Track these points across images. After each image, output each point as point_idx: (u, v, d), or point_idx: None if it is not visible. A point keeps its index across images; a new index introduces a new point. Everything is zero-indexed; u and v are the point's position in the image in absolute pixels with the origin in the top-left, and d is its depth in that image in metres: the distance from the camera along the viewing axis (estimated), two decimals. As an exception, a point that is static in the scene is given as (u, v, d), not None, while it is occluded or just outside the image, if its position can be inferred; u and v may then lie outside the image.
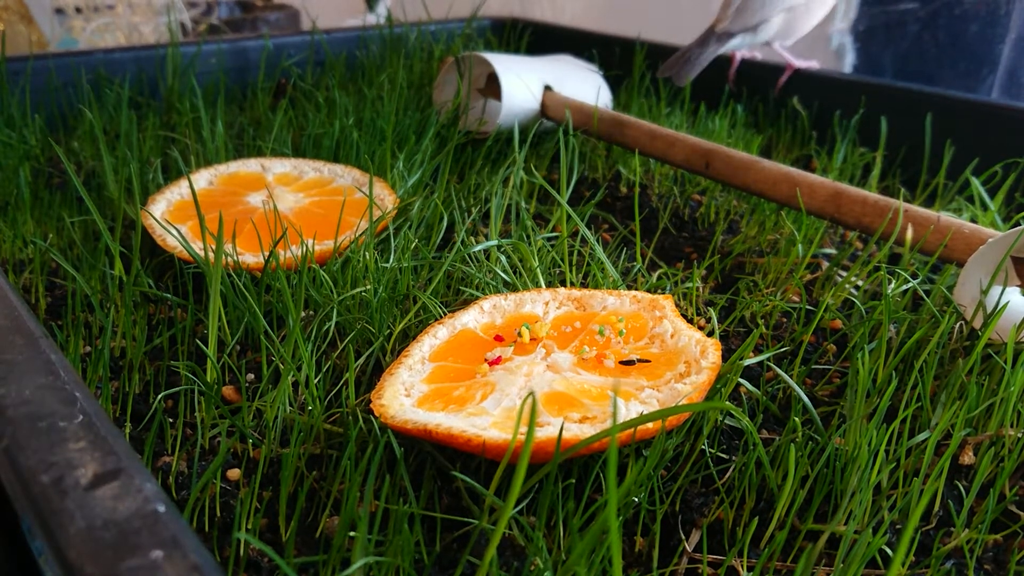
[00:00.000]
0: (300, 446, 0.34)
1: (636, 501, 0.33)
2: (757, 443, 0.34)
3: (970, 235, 0.47)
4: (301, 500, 0.31)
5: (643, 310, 0.42)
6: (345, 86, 0.87)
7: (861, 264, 0.52)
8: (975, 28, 1.01)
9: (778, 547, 0.30)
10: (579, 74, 0.79)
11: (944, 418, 0.35)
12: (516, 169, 0.60)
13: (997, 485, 0.34)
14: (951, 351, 0.44)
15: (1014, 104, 0.69)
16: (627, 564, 0.32)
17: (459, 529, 0.32)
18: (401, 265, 0.48)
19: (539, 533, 0.30)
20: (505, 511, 0.22)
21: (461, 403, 0.35)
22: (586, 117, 0.70)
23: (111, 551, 0.19)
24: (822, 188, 0.54)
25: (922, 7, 1.03)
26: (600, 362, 0.38)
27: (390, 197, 0.56)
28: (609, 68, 0.89)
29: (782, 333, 0.48)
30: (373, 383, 0.38)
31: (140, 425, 0.38)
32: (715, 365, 0.37)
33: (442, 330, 0.41)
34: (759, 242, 0.59)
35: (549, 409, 0.34)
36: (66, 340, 0.42)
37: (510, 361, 0.38)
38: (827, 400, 0.42)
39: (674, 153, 0.64)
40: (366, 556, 0.27)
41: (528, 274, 0.49)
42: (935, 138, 0.71)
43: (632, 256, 0.54)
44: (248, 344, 0.44)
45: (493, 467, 0.35)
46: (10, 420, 0.24)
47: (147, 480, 0.22)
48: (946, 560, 0.33)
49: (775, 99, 0.83)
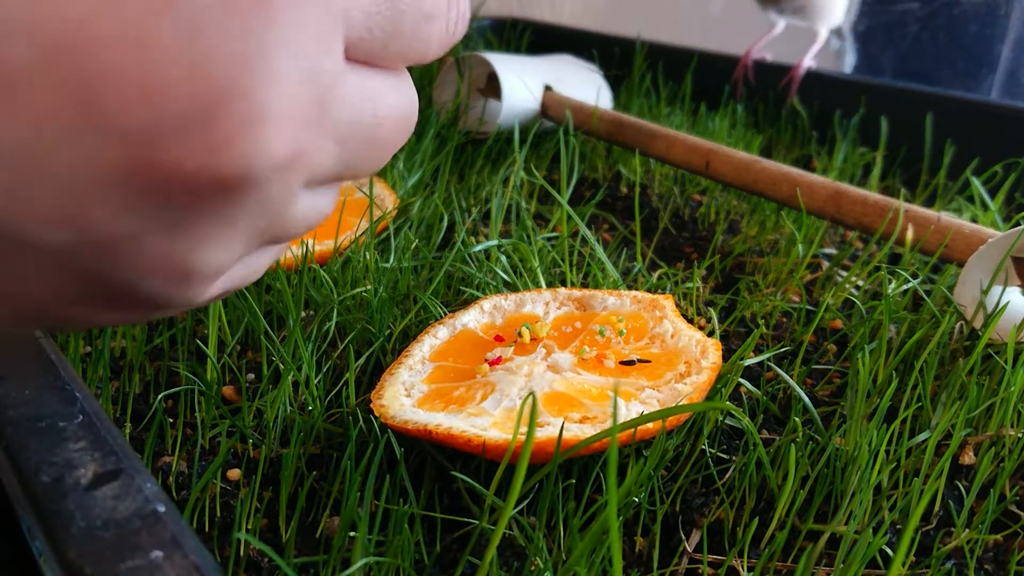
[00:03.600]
0: (300, 446, 0.34)
1: (636, 501, 0.33)
2: (757, 443, 0.34)
3: (970, 235, 0.47)
4: (301, 500, 0.31)
5: (643, 310, 0.42)
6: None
7: (861, 264, 0.52)
8: (975, 28, 1.01)
9: (778, 547, 0.30)
10: (579, 74, 0.79)
11: (944, 418, 0.35)
12: (516, 169, 0.60)
13: (997, 485, 0.34)
14: (951, 351, 0.44)
15: (1014, 104, 0.69)
16: (627, 564, 0.32)
17: (459, 529, 0.32)
18: (401, 265, 0.48)
19: (539, 533, 0.30)
20: (505, 511, 0.22)
21: (461, 403, 0.35)
22: (586, 117, 0.70)
23: (111, 551, 0.19)
24: (822, 188, 0.54)
25: (922, 7, 1.03)
26: (600, 362, 0.38)
27: (390, 197, 0.56)
28: (609, 68, 0.89)
29: (782, 333, 0.48)
30: (373, 383, 0.38)
31: (140, 425, 0.38)
32: (715, 365, 0.37)
33: (442, 330, 0.41)
34: (759, 242, 0.59)
35: (549, 409, 0.34)
36: (66, 340, 0.42)
37: (510, 361, 0.38)
38: (827, 400, 0.42)
39: (674, 153, 0.64)
40: (366, 556, 0.27)
41: (528, 274, 0.49)
42: (935, 138, 0.71)
43: (632, 256, 0.54)
44: (248, 344, 0.44)
45: (493, 467, 0.35)
46: (10, 420, 0.24)
47: (147, 480, 0.22)
48: (946, 560, 0.33)
49: (776, 99, 0.83)
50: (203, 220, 0.17)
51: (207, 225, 0.17)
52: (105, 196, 0.15)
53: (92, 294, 0.18)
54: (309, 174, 0.18)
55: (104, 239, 0.16)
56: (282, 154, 0.16)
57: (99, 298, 0.18)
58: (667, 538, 0.33)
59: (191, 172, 0.15)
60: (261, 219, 0.18)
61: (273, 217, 0.18)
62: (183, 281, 0.18)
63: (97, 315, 0.19)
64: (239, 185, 0.16)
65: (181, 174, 0.15)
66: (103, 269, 0.17)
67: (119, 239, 0.16)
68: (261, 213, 0.17)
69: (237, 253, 0.18)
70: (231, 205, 0.17)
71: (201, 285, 0.18)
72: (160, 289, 0.18)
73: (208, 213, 0.16)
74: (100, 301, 0.18)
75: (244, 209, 0.17)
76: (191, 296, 0.19)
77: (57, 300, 0.18)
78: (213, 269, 0.18)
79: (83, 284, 0.17)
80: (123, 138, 0.15)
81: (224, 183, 0.16)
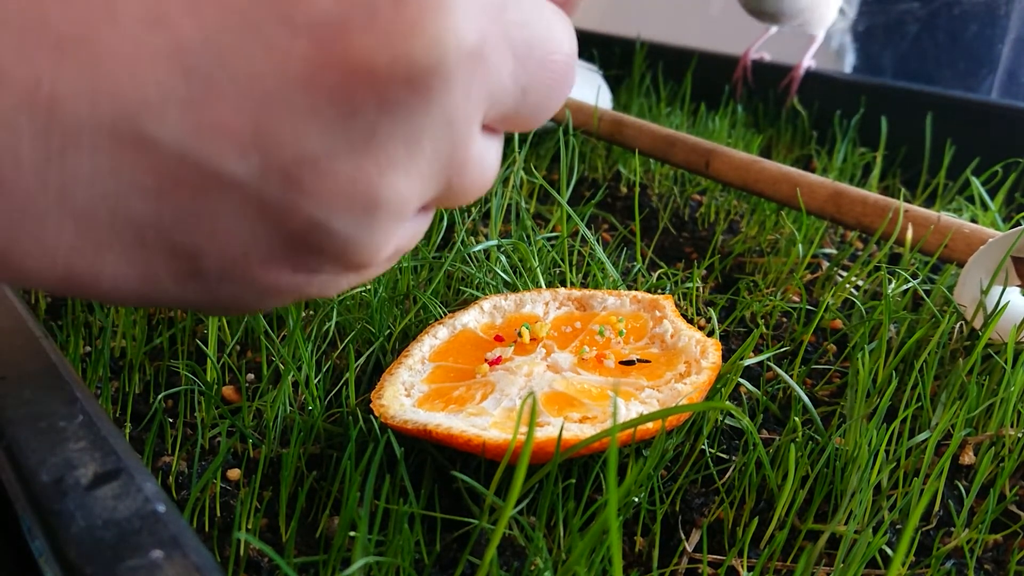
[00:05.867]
0: (300, 446, 0.34)
1: (636, 501, 0.33)
2: (757, 443, 0.34)
3: (970, 235, 0.47)
4: (301, 500, 0.31)
5: (643, 310, 0.42)
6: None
7: (861, 264, 0.52)
8: (974, 28, 1.01)
9: (778, 547, 0.30)
10: (579, 74, 0.79)
11: (944, 418, 0.35)
12: (516, 169, 0.60)
13: (997, 485, 0.34)
14: (951, 351, 0.44)
15: (1014, 104, 0.69)
16: (627, 564, 0.32)
17: (459, 529, 0.32)
18: (401, 265, 0.48)
19: (539, 533, 0.30)
20: (505, 511, 0.22)
21: (461, 403, 0.35)
22: (586, 117, 0.70)
23: (111, 551, 0.19)
24: (822, 188, 0.54)
25: (922, 7, 1.03)
26: (600, 362, 0.38)
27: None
28: (609, 68, 0.89)
29: (782, 333, 0.48)
30: (373, 383, 0.38)
31: (140, 425, 0.38)
32: (715, 365, 0.37)
33: (442, 330, 0.41)
34: (759, 242, 0.59)
35: (549, 409, 0.34)
36: (66, 340, 0.42)
37: (510, 361, 0.38)
38: (827, 400, 0.42)
39: (674, 153, 0.64)
40: (366, 556, 0.27)
41: (528, 274, 0.49)
42: (935, 138, 0.71)
43: (632, 256, 0.54)
44: (248, 344, 0.44)
45: (493, 467, 0.35)
46: (10, 420, 0.24)
47: (147, 480, 0.22)
48: (946, 560, 0.33)
49: (776, 99, 0.83)
50: (390, 134, 0.16)
51: (394, 143, 0.16)
52: (291, 103, 0.15)
53: (280, 243, 0.17)
54: (490, 91, 0.17)
55: (290, 163, 0.15)
56: (471, 40, 0.16)
57: (288, 248, 0.17)
58: (667, 538, 0.33)
59: (383, 65, 0.15)
60: (445, 143, 0.17)
61: (455, 146, 0.17)
62: (371, 213, 0.17)
63: (284, 276, 0.18)
64: (430, 77, 0.15)
65: (372, 67, 0.15)
66: (291, 204, 0.16)
67: (305, 162, 0.16)
68: (445, 135, 0.17)
69: (418, 190, 0.18)
70: (420, 109, 0.16)
71: (387, 224, 0.18)
72: (349, 228, 0.17)
73: (396, 122, 0.16)
74: (288, 253, 0.17)
75: (431, 120, 0.16)
76: (377, 244, 0.18)
77: (245, 255, 0.17)
78: (399, 202, 0.17)
79: (271, 228, 0.17)
80: (310, 29, 0.14)
81: (415, 75, 0.15)
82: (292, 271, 0.18)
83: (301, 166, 0.16)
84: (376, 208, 0.17)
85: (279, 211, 0.16)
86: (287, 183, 0.16)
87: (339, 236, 0.17)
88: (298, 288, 0.19)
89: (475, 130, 0.18)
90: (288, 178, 0.16)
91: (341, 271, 0.19)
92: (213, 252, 0.17)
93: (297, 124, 0.15)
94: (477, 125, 0.18)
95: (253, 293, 0.19)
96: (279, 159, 0.15)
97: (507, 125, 0.20)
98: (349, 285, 0.20)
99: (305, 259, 0.18)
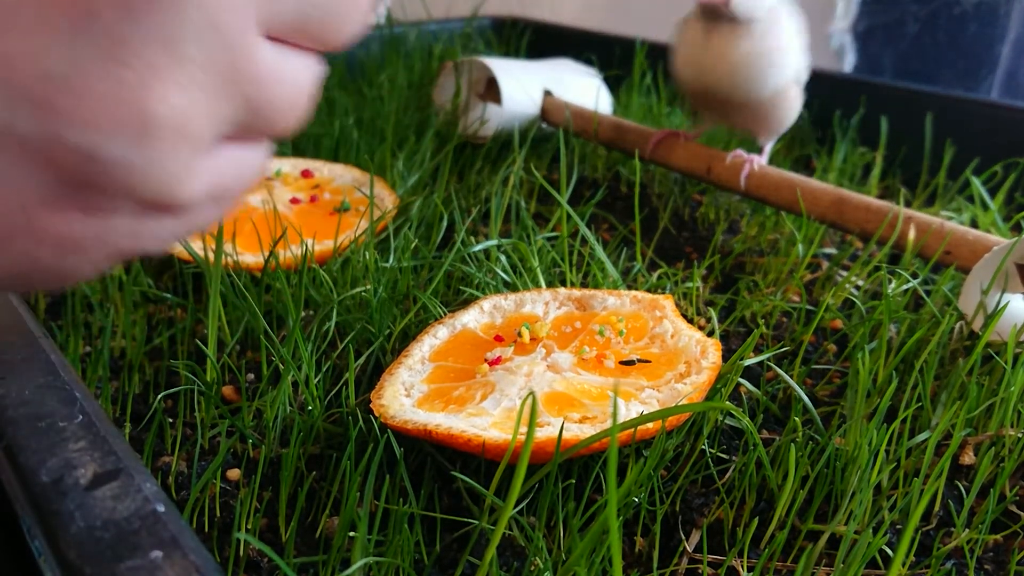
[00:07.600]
0: (300, 446, 0.34)
1: (636, 501, 0.33)
2: (757, 443, 0.33)
3: (974, 242, 0.46)
4: (301, 500, 0.31)
5: (643, 310, 0.42)
6: (345, 85, 0.87)
7: (861, 264, 0.52)
8: (974, 28, 1.01)
9: (778, 547, 0.30)
10: (579, 79, 0.79)
11: (944, 418, 0.35)
12: (516, 169, 0.60)
13: (997, 485, 0.34)
14: (951, 351, 0.44)
15: (1014, 104, 0.69)
16: (627, 564, 0.32)
17: (459, 529, 0.32)
18: (401, 265, 0.48)
19: (539, 533, 0.30)
20: (505, 511, 0.22)
21: (461, 403, 0.35)
22: (586, 122, 0.70)
23: (111, 551, 0.19)
24: (824, 194, 0.54)
25: (922, 7, 1.03)
26: (600, 362, 0.38)
27: (390, 197, 0.56)
28: (609, 68, 0.89)
29: (782, 333, 0.48)
30: (373, 383, 0.38)
31: (140, 425, 0.38)
32: (715, 365, 0.37)
33: (442, 330, 0.41)
34: (759, 242, 0.59)
35: (549, 409, 0.34)
36: (66, 340, 0.42)
37: (510, 361, 0.38)
38: (827, 400, 0.42)
39: (675, 158, 0.64)
40: (366, 556, 0.27)
41: (528, 274, 0.49)
42: (935, 138, 0.71)
43: (632, 256, 0.54)
44: (248, 344, 0.44)
45: (493, 467, 0.35)
46: (10, 420, 0.24)
47: (147, 480, 0.22)
48: (946, 560, 0.33)
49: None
50: (143, 39, 0.14)
51: (150, 49, 0.14)
52: (16, 15, 0.13)
53: (56, 183, 0.15)
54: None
55: (33, 84, 0.14)
56: None
57: (65, 188, 0.15)
58: (667, 538, 0.33)
59: None
60: (217, 50, 0.15)
61: (233, 53, 0.16)
62: (146, 132, 0.15)
63: (76, 222, 0.16)
64: None
65: None
66: (51, 134, 0.14)
67: (51, 81, 0.14)
68: (214, 40, 0.15)
69: (204, 106, 0.16)
70: (167, 8, 0.14)
71: (174, 146, 0.16)
72: (124, 153, 0.15)
73: (141, 24, 0.14)
74: (68, 192, 0.16)
75: (187, 22, 0.15)
76: (172, 172, 0.16)
77: (22, 206, 0.15)
78: (179, 118, 0.15)
79: (39, 168, 0.15)
80: None
81: None
82: (83, 215, 0.16)
83: (47, 86, 0.14)
84: (150, 125, 0.15)
85: (41, 145, 0.15)
86: (39, 110, 0.14)
87: (116, 164, 0.15)
88: (101, 237, 0.17)
89: (253, 37, 0.16)
90: (38, 104, 0.14)
91: (141, 211, 0.17)
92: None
93: (28, 37, 0.14)
94: (254, 31, 0.16)
95: (49, 250, 0.17)
96: (20, 82, 0.14)
97: (302, 37, 0.18)
98: (170, 233, 0.18)
99: (90, 198, 0.16)
